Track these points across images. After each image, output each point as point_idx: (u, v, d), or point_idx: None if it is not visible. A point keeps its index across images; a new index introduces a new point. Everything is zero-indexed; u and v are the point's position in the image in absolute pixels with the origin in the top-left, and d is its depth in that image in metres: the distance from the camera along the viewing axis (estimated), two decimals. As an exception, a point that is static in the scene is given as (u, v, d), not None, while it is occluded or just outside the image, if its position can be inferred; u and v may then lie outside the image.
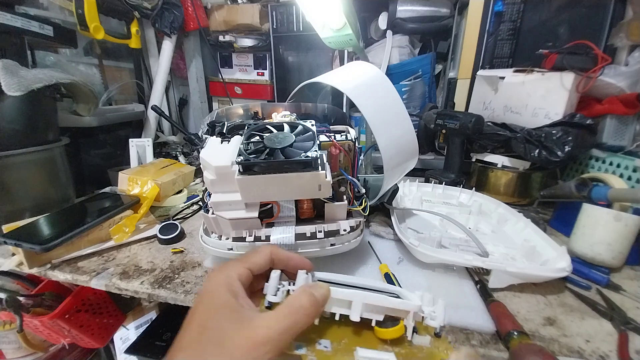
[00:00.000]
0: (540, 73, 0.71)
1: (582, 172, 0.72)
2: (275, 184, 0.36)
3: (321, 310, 0.25)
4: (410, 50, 1.00)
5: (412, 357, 0.24)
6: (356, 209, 0.45)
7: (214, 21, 1.07)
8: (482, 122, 0.73)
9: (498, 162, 0.74)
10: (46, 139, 0.64)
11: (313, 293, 0.25)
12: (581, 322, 0.39)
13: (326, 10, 0.72)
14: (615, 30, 0.71)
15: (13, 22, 0.61)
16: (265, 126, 0.43)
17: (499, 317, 0.37)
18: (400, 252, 0.53)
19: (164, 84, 1.06)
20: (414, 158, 0.55)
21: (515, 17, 0.80)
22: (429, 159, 0.95)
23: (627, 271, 0.50)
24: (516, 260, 0.49)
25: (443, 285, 0.45)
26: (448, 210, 0.67)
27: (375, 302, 0.25)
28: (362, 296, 0.25)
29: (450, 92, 0.93)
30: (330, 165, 0.41)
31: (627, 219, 0.47)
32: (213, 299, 0.24)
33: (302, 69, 1.10)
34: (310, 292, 0.25)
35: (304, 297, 0.24)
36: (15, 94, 0.53)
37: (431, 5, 0.94)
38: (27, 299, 0.57)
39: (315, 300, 0.24)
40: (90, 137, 0.83)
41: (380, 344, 0.27)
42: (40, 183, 0.64)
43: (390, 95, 0.50)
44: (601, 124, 0.71)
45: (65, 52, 0.89)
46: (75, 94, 0.74)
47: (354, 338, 0.26)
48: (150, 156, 0.87)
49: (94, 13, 0.78)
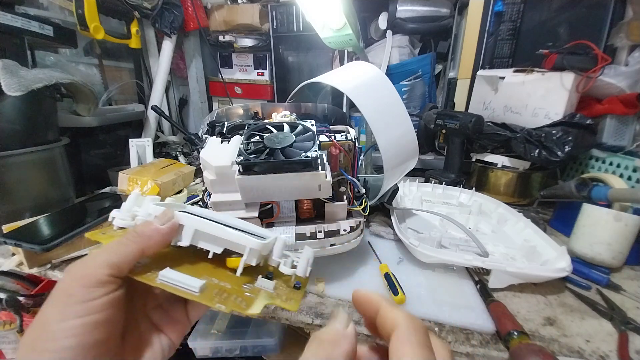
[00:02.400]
0: (540, 73, 0.71)
1: (582, 172, 0.72)
2: (275, 184, 0.36)
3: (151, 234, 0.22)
4: (410, 50, 1.00)
5: (235, 293, 0.22)
6: (356, 209, 0.45)
7: (214, 21, 1.07)
8: (482, 122, 0.73)
9: (498, 162, 0.74)
10: (46, 139, 0.64)
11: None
12: (581, 322, 0.39)
13: (326, 10, 0.72)
14: (615, 30, 0.71)
15: (13, 22, 0.61)
16: (265, 126, 0.43)
17: (499, 317, 0.37)
18: (400, 252, 0.53)
19: (164, 84, 1.06)
20: (414, 158, 0.55)
21: (515, 17, 0.80)
22: (429, 159, 0.95)
23: (627, 271, 0.50)
24: (516, 260, 0.49)
25: (443, 285, 0.45)
26: (448, 210, 0.67)
27: (211, 231, 0.23)
28: (200, 224, 0.23)
29: (450, 92, 0.94)
30: (330, 165, 0.41)
31: (627, 219, 0.47)
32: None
33: (302, 69, 1.10)
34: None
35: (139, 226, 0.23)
36: (15, 94, 0.53)
37: (431, 5, 0.94)
38: (27, 299, 0.57)
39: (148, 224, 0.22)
40: (90, 137, 0.82)
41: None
42: (40, 183, 0.64)
43: (390, 95, 0.50)
44: (601, 124, 0.71)
45: (65, 52, 0.89)
46: (75, 94, 0.74)
47: (208, 270, 0.24)
48: (150, 156, 0.87)
49: (94, 13, 0.78)
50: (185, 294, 0.20)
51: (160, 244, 0.22)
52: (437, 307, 0.41)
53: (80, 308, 0.18)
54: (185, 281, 0.21)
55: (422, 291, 0.44)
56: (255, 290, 0.23)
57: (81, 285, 0.19)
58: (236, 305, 0.20)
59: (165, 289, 0.21)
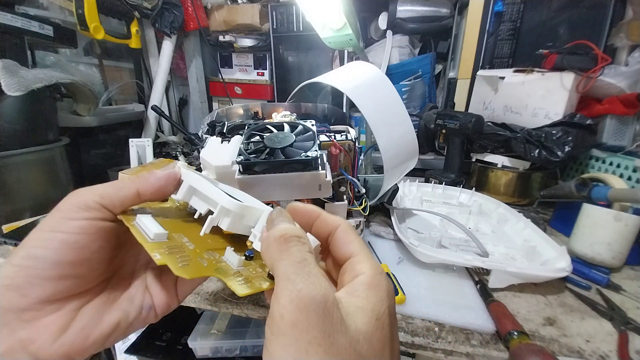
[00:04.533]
0: (540, 73, 0.71)
1: (582, 172, 0.72)
2: (276, 184, 0.36)
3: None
4: (410, 50, 1.00)
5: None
6: (356, 209, 0.45)
7: (214, 21, 1.07)
8: (482, 122, 0.73)
9: (498, 162, 0.74)
10: (46, 139, 0.64)
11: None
12: (581, 322, 0.39)
13: (326, 10, 0.72)
14: (615, 30, 0.71)
15: (13, 22, 0.61)
16: (265, 126, 0.43)
17: (499, 317, 0.37)
18: (400, 252, 0.53)
19: (164, 84, 1.06)
20: (414, 158, 0.55)
21: (515, 17, 0.80)
22: (429, 159, 0.95)
23: (627, 271, 0.50)
24: (516, 260, 0.49)
25: (443, 285, 0.45)
26: (448, 210, 0.67)
27: (200, 188, 0.22)
28: (194, 180, 0.23)
29: (450, 92, 0.94)
30: (330, 165, 0.41)
31: (627, 219, 0.47)
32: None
33: (302, 69, 1.10)
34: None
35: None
36: (15, 94, 0.53)
37: (431, 5, 0.94)
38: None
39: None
40: (90, 137, 0.83)
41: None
42: (40, 183, 0.64)
43: (390, 95, 0.50)
44: (601, 124, 0.71)
45: (65, 52, 0.89)
46: (75, 94, 0.74)
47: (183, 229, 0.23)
48: (150, 156, 0.87)
49: (94, 13, 0.78)
50: (139, 235, 0.19)
51: (157, 189, 0.22)
52: (437, 307, 0.41)
53: (58, 224, 0.19)
54: (150, 227, 0.20)
55: (422, 291, 0.44)
56: (214, 260, 0.21)
57: (70, 204, 0.20)
58: (173, 261, 0.18)
59: (131, 230, 0.20)
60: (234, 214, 0.21)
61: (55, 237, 0.19)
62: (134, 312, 0.22)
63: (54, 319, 0.19)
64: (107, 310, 0.21)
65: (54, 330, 0.19)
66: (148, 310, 0.23)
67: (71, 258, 0.19)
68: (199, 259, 0.20)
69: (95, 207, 0.20)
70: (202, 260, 0.20)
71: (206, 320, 0.72)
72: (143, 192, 0.22)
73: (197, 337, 0.68)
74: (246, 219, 0.22)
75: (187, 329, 0.70)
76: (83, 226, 0.19)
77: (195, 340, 0.67)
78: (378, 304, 0.17)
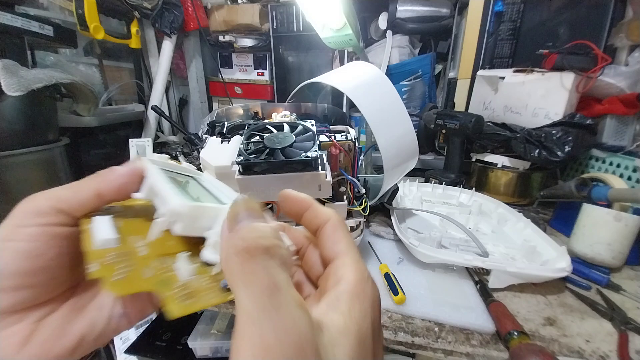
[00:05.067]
0: (540, 73, 0.71)
1: (582, 172, 0.72)
2: (276, 184, 0.36)
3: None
4: (410, 50, 1.00)
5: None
6: (356, 209, 0.45)
7: (214, 21, 1.07)
8: (482, 122, 0.73)
9: (498, 162, 0.74)
10: (46, 139, 0.64)
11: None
12: (581, 322, 0.39)
13: (326, 10, 0.72)
14: (615, 30, 0.71)
15: (13, 22, 0.61)
16: (265, 126, 0.43)
17: (499, 317, 0.37)
18: (400, 252, 0.53)
19: (164, 84, 1.06)
20: (414, 158, 0.55)
21: (515, 17, 0.80)
22: (429, 159, 0.95)
23: (627, 271, 0.50)
24: (516, 260, 0.49)
25: (443, 285, 0.45)
26: (448, 210, 0.67)
27: (154, 184, 0.20)
28: (155, 178, 0.21)
29: (450, 92, 0.94)
30: (330, 165, 0.41)
31: (627, 219, 0.47)
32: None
33: (302, 69, 1.10)
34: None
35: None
36: (15, 94, 0.53)
37: (431, 5, 0.94)
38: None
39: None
40: (90, 137, 0.83)
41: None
42: (40, 183, 0.64)
43: (390, 95, 0.50)
44: (601, 124, 0.71)
45: (65, 52, 0.89)
46: (75, 94, 0.74)
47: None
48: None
49: (94, 13, 0.78)
50: (87, 242, 0.17)
51: (117, 188, 0.21)
52: (437, 307, 0.41)
53: (10, 232, 0.18)
54: (100, 232, 0.18)
55: (422, 291, 0.44)
56: (163, 269, 0.18)
57: (22, 210, 0.18)
58: (109, 274, 0.16)
59: (82, 235, 0.18)
60: (185, 217, 0.18)
61: (8, 247, 0.17)
62: (103, 321, 0.21)
63: (15, 331, 0.18)
64: (72, 319, 0.20)
65: (15, 343, 0.18)
66: (119, 319, 0.21)
67: (26, 267, 0.18)
68: (145, 268, 0.17)
69: (50, 212, 0.18)
70: (148, 270, 0.17)
71: (206, 320, 0.72)
72: (103, 192, 0.20)
73: (197, 337, 0.68)
74: (204, 220, 0.19)
75: (187, 329, 0.70)
76: (36, 233, 0.18)
77: (195, 340, 0.67)
78: (361, 319, 0.15)
